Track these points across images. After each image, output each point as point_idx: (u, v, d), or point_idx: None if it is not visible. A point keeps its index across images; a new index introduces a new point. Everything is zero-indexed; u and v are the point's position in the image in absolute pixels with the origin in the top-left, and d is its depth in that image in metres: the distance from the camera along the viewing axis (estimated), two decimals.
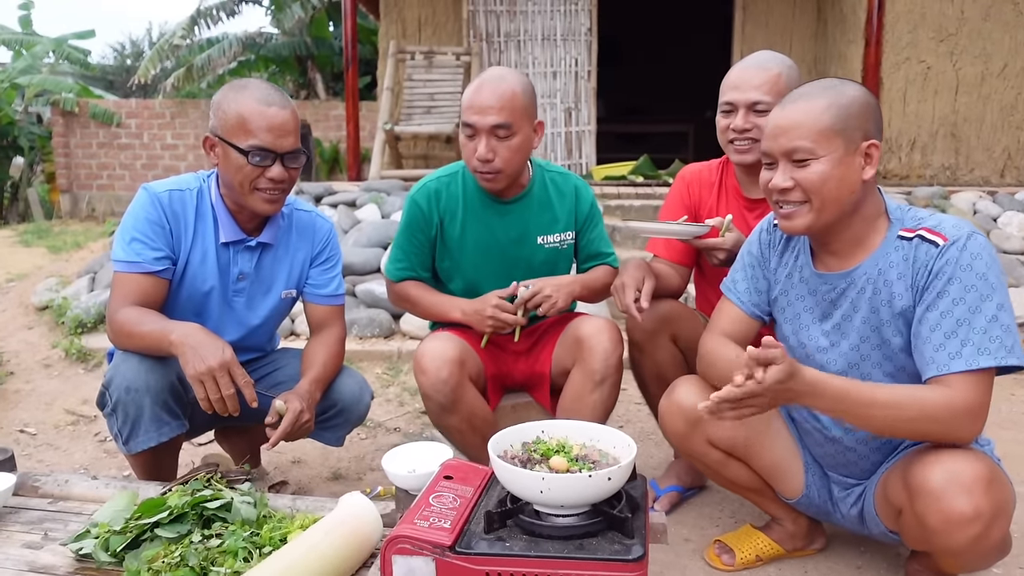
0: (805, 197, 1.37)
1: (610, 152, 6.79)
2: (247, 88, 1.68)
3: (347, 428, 1.91)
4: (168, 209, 1.72)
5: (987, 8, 5.75)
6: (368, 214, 4.71)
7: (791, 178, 1.37)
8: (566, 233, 2.01)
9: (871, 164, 1.36)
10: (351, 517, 1.28)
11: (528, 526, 1.17)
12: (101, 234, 6.64)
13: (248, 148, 1.64)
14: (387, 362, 3.49)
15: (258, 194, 1.69)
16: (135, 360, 1.62)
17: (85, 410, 3.01)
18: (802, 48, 6.73)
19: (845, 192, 1.36)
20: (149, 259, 1.68)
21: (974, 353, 1.26)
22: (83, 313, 3.78)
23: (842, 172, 1.35)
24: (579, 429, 1.35)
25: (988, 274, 1.29)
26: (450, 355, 1.81)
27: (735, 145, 1.86)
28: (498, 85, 1.81)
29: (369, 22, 10.18)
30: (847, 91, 1.36)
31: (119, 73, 17.82)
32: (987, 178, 5.93)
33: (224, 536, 1.29)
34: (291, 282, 1.88)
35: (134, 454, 1.67)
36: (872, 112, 1.36)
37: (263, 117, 1.64)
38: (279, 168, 1.67)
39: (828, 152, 1.34)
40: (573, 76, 6.46)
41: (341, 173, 8.58)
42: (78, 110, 8.95)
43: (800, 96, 1.38)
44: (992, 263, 1.30)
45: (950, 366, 1.27)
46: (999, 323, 1.27)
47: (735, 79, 1.84)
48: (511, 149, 1.82)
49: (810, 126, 1.34)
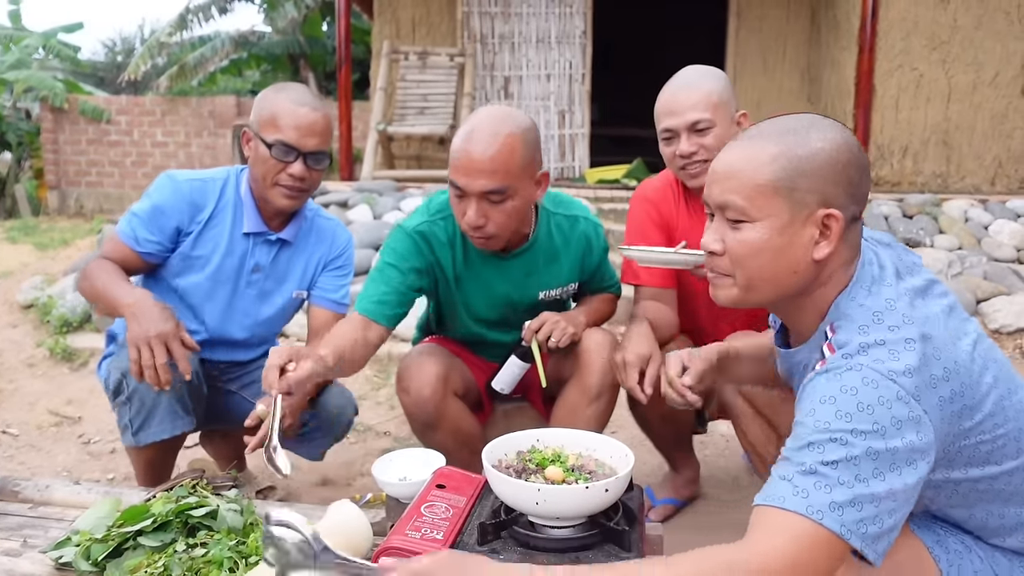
0: (730, 270, 1.08)
1: (604, 155, 6.78)
2: (286, 89, 1.75)
3: (327, 443, 1.89)
4: (186, 198, 1.76)
5: (979, 17, 5.77)
6: (360, 215, 4.68)
7: (721, 240, 1.08)
8: (570, 285, 1.86)
9: (827, 239, 1.03)
10: (340, 526, 1.25)
11: (522, 538, 1.15)
12: (89, 231, 6.57)
13: (273, 142, 1.69)
14: (377, 365, 3.46)
15: (278, 189, 1.73)
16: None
17: (69, 411, 2.96)
18: (796, 54, 6.75)
19: (783, 270, 1.04)
20: (142, 239, 1.75)
21: (787, 492, 0.94)
22: (68, 312, 3.73)
23: (780, 244, 1.03)
24: (575, 438, 1.33)
25: (856, 416, 0.93)
26: (433, 372, 1.75)
27: (687, 171, 1.78)
28: (493, 141, 1.54)
29: (363, 22, 10.14)
30: (811, 141, 1.02)
31: (110, 69, 17.70)
32: (978, 186, 5.96)
33: (209, 545, 1.25)
34: (304, 283, 1.90)
35: (141, 447, 1.67)
36: (842, 173, 1.02)
37: (292, 115, 1.69)
38: (300, 166, 1.70)
39: (766, 216, 1.03)
40: (567, 79, 6.45)
41: (333, 173, 8.53)
42: (67, 106, 8.87)
43: (753, 136, 1.06)
44: (871, 406, 0.93)
45: (757, 499, 0.97)
46: (836, 477, 0.92)
47: (667, 104, 1.75)
48: (506, 213, 1.59)
49: (747, 178, 1.03)
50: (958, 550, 1.10)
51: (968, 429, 1.02)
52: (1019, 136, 5.91)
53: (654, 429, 2.03)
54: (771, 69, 6.75)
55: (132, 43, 19.29)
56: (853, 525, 0.91)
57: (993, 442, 1.04)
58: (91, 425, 2.83)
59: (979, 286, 3.92)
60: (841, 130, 1.05)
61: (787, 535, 0.92)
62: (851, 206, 1.04)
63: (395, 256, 1.71)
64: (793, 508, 0.92)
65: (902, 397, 0.94)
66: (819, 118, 1.07)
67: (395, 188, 5.17)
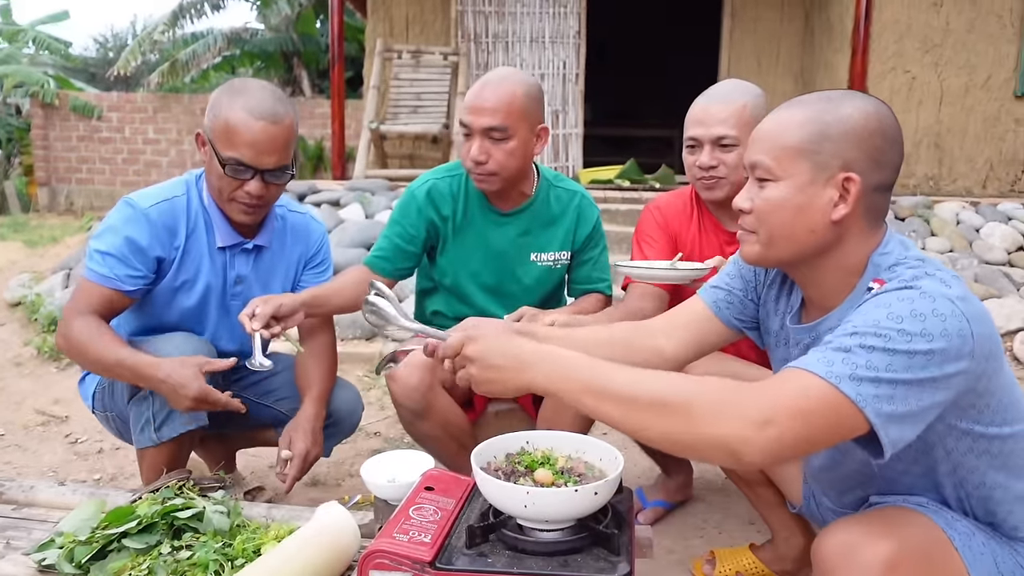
0: (755, 226, 1.14)
1: (597, 155, 6.78)
2: (243, 94, 1.60)
3: (337, 440, 1.89)
4: (157, 225, 1.65)
5: (972, 20, 5.80)
6: (352, 214, 4.66)
7: (750, 199, 1.15)
8: (562, 253, 1.95)
9: (845, 202, 1.08)
10: (328, 528, 1.24)
11: (511, 541, 1.13)
12: (78, 229, 6.53)
13: (226, 159, 1.58)
14: (368, 364, 3.44)
15: (234, 204, 1.65)
16: (179, 341, 1.62)
17: (56, 410, 2.93)
18: (789, 56, 6.76)
19: (801, 228, 1.10)
20: (122, 277, 1.64)
21: (813, 361, 0.97)
22: (57, 310, 3.70)
23: (800, 202, 1.09)
24: (564, 440, 1.32)
25: (908, 320, 0.96)
26: (421, 361, 1.76)
27: (703, 182, 1.76)
28: (499, 86, 1.75)
29: (356, 20, 10.12)
30: (843, 108, 1.09)
31: (101, 66, 17.58)
32: (969, 188, 5.99)
33: (195, 547, 1.24)
34: (287, 284, 1.86)
35: (162, 443, 1.60)
36: (868, 140, 1.07)
37: (248, 131, 1.56)
38: (257, 184, 1.61)
39: (788, 175, 1.10)
40: (561, 79, 6.44)
41: (325, 171, 8.51)
42: (58, 102, 8.82)
43: (790, 104, 1.15)
44: (925, 315, 0.96)
45: (780, 370, 1.01)
46: (868, 358, 0.94)
47: (699, 113, 1.74)
48: (506, 152, 1.76)
49: (776, 140, 1.11)
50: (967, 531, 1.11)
51: (993, 372, 1.04)
52: (1010, 139, 5.95)
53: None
54: (765, 71, 6.76)
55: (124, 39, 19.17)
56: (870, 398, 0.93)
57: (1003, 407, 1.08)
58: (78, 425, 2.81)
59: (971, 288, 3.93)
60: (876, 103, 1.11)
61: (800, 389, 0.95)
62: (874, 173, 1.08)
63: (399, 212, 1.89)
64: (814, 370, 0.96)
65: (955, 314, 0.97)
66: (857, 92, 1.14)
67: (388, 187, 5.16)
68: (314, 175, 8.53)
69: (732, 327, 1.36)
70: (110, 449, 2.58)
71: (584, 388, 1.02)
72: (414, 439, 1.88)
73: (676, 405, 0.96)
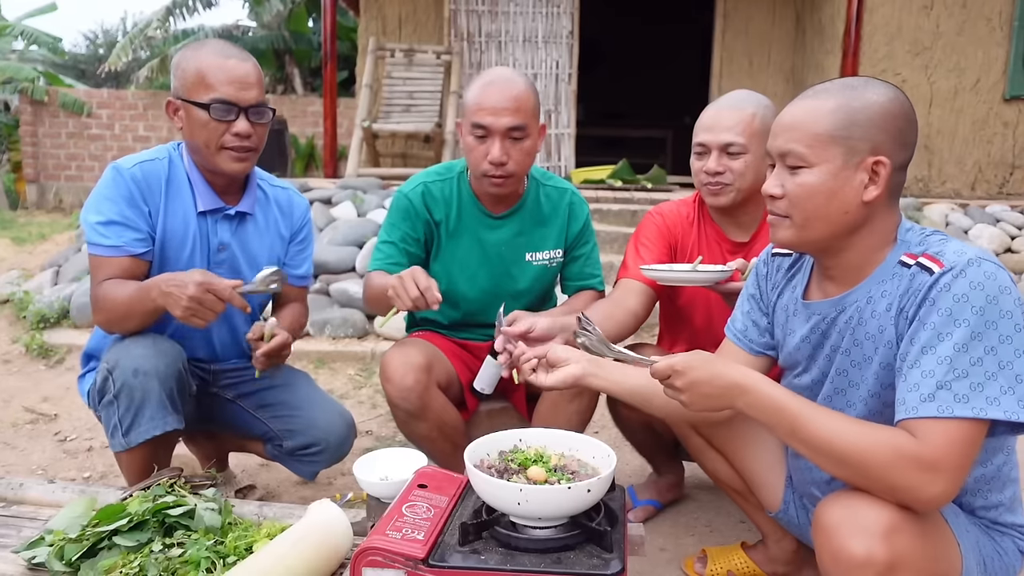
0: (788, 211, 1.20)
1: (589, 155, 6.79)
2: (205, 45, 1.65)
3: (324, 466, 1.86)
4: (143, 184, 1.66)
5: (961, 23, 5.84)
6: (344, 212, 4.64)
7: (781, 185, 1.20)
8: (556, 251, 1.96)
9: (876, 184, 1.15)
10: (320, 526, 1.24)
11: (504, 538, 1.14)
12: (67, 226, 6.48)
13: (210, 101, 1.60)
14: (360, 363, 3.44)
15: (225, 153, 1.64)
16: (145, 343, 1.59)
17: (45, 408, 2.91)
18: (781, 57, 6.79)
19: (835, 211, 1.17)
20: (130, 241, 1.64)
21: (950, 400, 1.05)
22: (46, 308, 3.67)
23: (834, 187, 1.16)
24: (557, 438, 1.32)
25: (987, 309, 1.06)
26: (416, 361, 1.77)
27: (708, 188, 1.79)
28: (510, 85, 1.76)
29: (348, 18, 10.09)
30: (867, 95, 1.16)
31: (91, 62, 17.46)
32: (958, 190, 6.03)
33: (186, 545, 1.24)
34: (273, 258, 1.84)
35: (133, 447, 1.58)
36: (892, 124, 1.15)
37: (222, 70, 1.60)
38: (244, 122, 1.62)
39: (822, 161, 1.16)
40: (554, 79, 6.45)
41: (317, 169, 8.47)
42: (47, 99, 8.73)
43: (814, 93, 1.20)
44: (997, 296, 1.07)
45: (919, 410, 1.06)
46: (984, 368, 1.05)
47: (708, 120, 1.77)
48: (523, 152, 1.78)
49: (808, 128, 1.17)
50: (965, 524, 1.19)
51: None
52: (999, 142, 5.99)
53: (635, 435, 2.03)
54: (756, 72, 6.79)
55: (114, 35, 19.05)
56: (1014, 407, 1.04)
57: None
58: (67, 423, 2.79)
59: None
60: (893, 88, 1.19)
61: (959, 440, 1.05)
62: (899, 153, 1.16)
63: (397, 216, 1.88)
64: (961, 415, 1.04)
65: (1013, 283, 1.10)
66: (874, 79, 1.21)
67: (380, 186, 5.14)
68: (305, 173, 8.49)
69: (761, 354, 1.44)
70: (100, 447, 2.56)
71: (781, 425, 1.14)
72: (409, 439, 1.88)
73: (854, 465, 1.08)
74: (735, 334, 1.47)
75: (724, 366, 1.18)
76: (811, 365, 1.31)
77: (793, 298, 1.35)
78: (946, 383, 1.06)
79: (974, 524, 1.22)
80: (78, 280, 4.01)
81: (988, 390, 1.04)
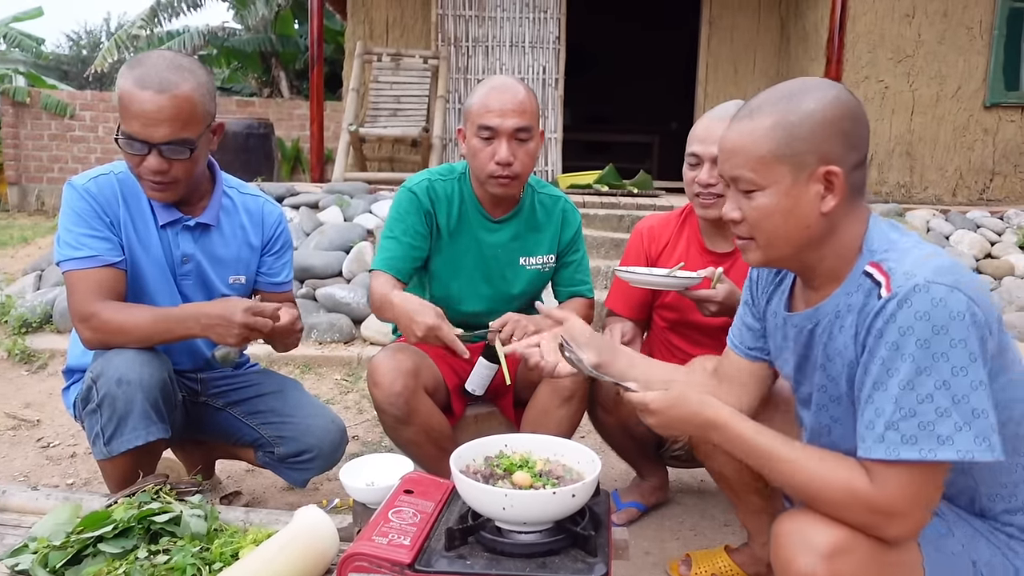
0: (750, 233, 1.18)
1: (575, 160, 6.82)
2: (138, 66, 1.55)
3: (316, 473, 1.86)
4: (99, 197, 1.63)
5: (943, 32, 5.93)
6: (331, 216, 4.64)
7: (739, 208, 1.18)
8: (548, 256, 2.01)
9: (832, 193, 1.11)
10: (306, 532, 1.24)
11: (490, 543, 1.15)
12: (50, 229, 6.42)
13: (120, 134, 1.56)
14: (347, 368, 3.43)
15: (143, 182, 1.62)
16: (129, 354, 1.56)
17: (27, 414, 2.89)
18: (766, 64, 6.86)
19: (795, 228, 1.14)
20: (105, 250, 1.61)
21: (897, 442, 1.02)
22: (28, 312, 3.64)
23: (789, 205, 1.12)
24: (543, 443, 1.33)
25: (934, 340, 1.00)
26: (404, 367, 1.77)
27: (700, 199, 1.82)
28: (513, 88, 1.83)
29: (335, 21, 10.07)
30: (804, 104, 1.11)
31: (74, 63, 17.33)
32: (940, 196, 6.11)
33: (172, 552, 1.24)
34: (240, 267, 1.81)
35: (115, 456, 1.56)
36: (836, 128, 1.10)
37: (133, 102, 1.51)
38: (155, 159, 1.55)
39: (771, 182, 1.12)
40: (541, 83, 6.47)
41: (303, 173, 8.45)
42: (29, 100, 8.66)
43: (749, 112, 1.15)
44: (946, 325, 1.00)
45: (871, 451, 1.04)
46: (936, 404, 1.00)
47: (702, 131, 1.80)
48: (528, 153, 1.85)
49: (750, 152, 1.13)
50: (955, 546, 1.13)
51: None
52: (979, 148, 6.08)
53: (614, 439, 2.05)
54: (742, 78, 6.85)
55: (98, 37, 18.91)
56: (969, 445, 1.00)
57: None
58: (50, 429, 2.77)
59: None
60: (831, 86, 1.13)
61: (910, 483, 1.02)
62: (850, 155, 1.12)
63: (402, 210, 1.89)
64: (908, 457, 1.01)
65: (969, 306, 1.01)
66: (811, 80, 1.16)
67: (367, 190, 5.14)
68: (291, 176, 8.47)
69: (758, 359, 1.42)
70: (83, 453, 2.54)
71: (751, 459, 1.17)
72: (396, 444, 1.88)
73: (816, 503, 1.09)
74: (731, 339, 1.46)
75: (699, 405, 1.20)
76: (801, 379, 1.29)
77: (780, 305, 1.33)
78: (894, 423, 1.02)
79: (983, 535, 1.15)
80: (61, 284, 3.98)
81: (940, 428, 1.00)
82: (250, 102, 9.14)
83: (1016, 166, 6.08)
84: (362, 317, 3.73)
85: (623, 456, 2.13)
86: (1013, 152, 6.07)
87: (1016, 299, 4.03)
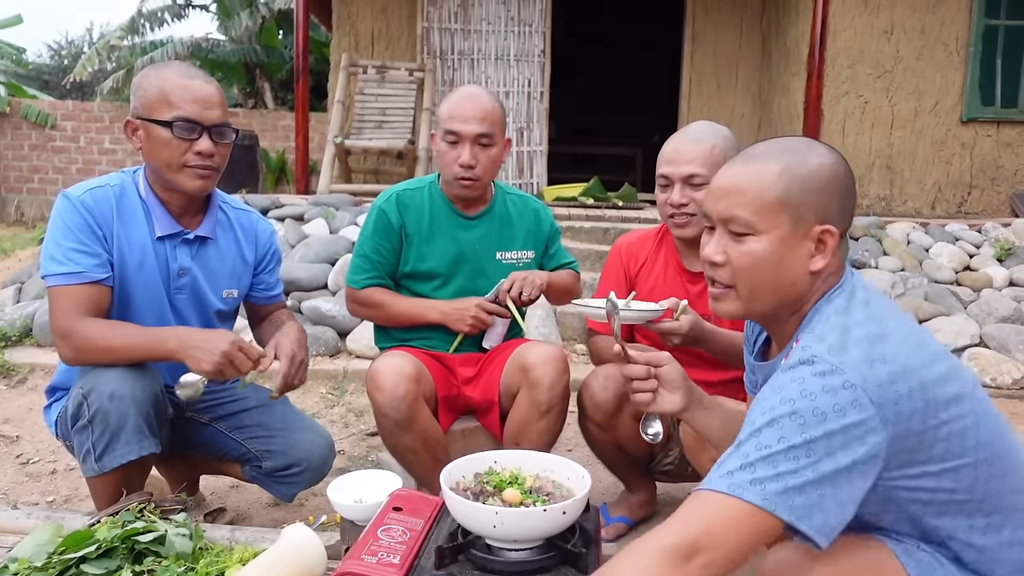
0: (732, 280, 1.13)
1: (561, 172, 6.84)
2: (168, 67, 1.66)
3: (304, 487, 1.84)
4: (94, 210, 1.62)
5: (920, 48, 6.03)
6: (316, 229, 4.62)
7: (724, 251, 1.13)
8: (524, 252, 2.09)
9: (822, 253, 1.09)
10: (294, 550, 1.23)
11: (480, 561, 1.14)
12: (30, 240, 6.34)
13: (172, 119, 1.59)
14: (332, 381, 3.41)
15: (187, 171, 1.63)
16: (121, 368, 1.55)
17: (6, 430, 2.84)
18: (748, 78, 6.94)
19: (783, 282, 1.10)
20: (91, 267, 1.59)
21: (714, 477, 0.98)
22: (7, 325, 3.59)
23: (782, 256, 1.09)
24: (532, 460, 1.33)
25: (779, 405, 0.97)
26: (406, 372, 1.79)
27: (674, 220, 1.83)
28: (480, 98, 1.96)
29: (320, 32, 10.07)
30: (811, 159, 1.09)
31: (55, 73, 17.19)
32: (919, 209, 6.19)
33: (157, 572, 1.22)
34: (234, 281, 1.82)
35: (106, 472, 1.54)
36: (837, 191, 1.09)
37: (186, 89, 1.61)
38: (207, 141, 1.62)
39: (770, 228, 1.08)
40: (526, 96, 6.51)
41: (288, 184, 8.41)
42: (9, 110, 8.57)
43: (755, 156, 1.12)
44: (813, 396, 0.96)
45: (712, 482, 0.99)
46: (766, 457, 0.95)
47: (670, 152, 1.81)
48: (490, 158, 1.95)
49: (755, 193, 1.09)
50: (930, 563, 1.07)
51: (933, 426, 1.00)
52: (957, 162, 6.18)
53: (606, 454, 2.05)
54: (724, 92, 6.93)
55: (80, 47, 18.78)
56: (776, 497, 0.93)
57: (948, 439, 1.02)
58: (30, 445, 2.73)
59: (920, 307, 4.07)
60: (834, 151, 1.13)
61: (704, 512, 0.95)
62: (843, 221, 1.11)
63: (371, 229, 2.00)
64: (716, 488, 0.96)
65: (848, 386, 0.96)
66: (812, 140, 1.16)
67: (352, 202, 5.13)
68: (276, 188, 8.42)
69: None
70: (63, 470, 2.50)
71: None
72: (392, 451, 1.88)
73: None
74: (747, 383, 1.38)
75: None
76: None
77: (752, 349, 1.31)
78: (724, 463, 0.99)
79: None
80: (42, 298, 3.93)
81: (758, 472, 0.94)
82: (234, 113, 9.10)
83: (993, 179, 6.19)
84: (347, 330, 3.72)
85: (613, 471, 2.13)
86: (990, 166, 6.18)
87: (995, 311, 4.09)
